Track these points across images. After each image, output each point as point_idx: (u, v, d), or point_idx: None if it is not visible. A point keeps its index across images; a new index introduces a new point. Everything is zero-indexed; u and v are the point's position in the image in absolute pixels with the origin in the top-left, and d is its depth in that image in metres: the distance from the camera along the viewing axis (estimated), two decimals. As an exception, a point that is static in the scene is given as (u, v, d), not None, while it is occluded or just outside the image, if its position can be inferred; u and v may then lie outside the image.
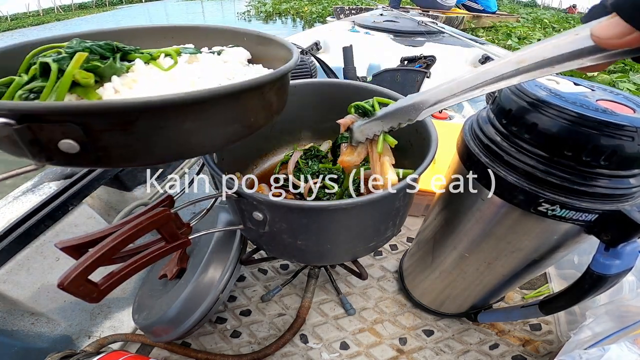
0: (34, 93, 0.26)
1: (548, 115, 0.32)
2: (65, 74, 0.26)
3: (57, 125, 0.20)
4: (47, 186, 0.65)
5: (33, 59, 0.29)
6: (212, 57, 0.36)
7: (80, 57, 0.27)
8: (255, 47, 0.41)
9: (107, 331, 0.66)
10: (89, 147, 0.22)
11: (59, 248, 0.30)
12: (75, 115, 0.20)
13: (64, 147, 0.21)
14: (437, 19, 3.64)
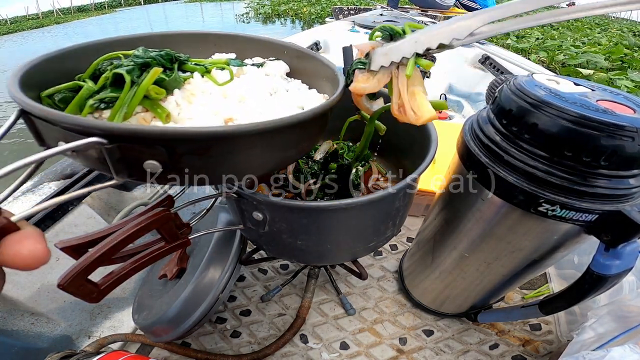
0: (104, 103, 0.27)
1: (548, 116, 0.32)
2: (140, 88, 0.26)
3: (146, 147, 0.21)
4: (47, 186, 0.65)
5: (100, 66, 0.30)
6: (255, 71, 0.37)
7: (156, 72, 0.27)
8: (295, 61, 0.40)
9: (107, 331, 0.66)
10: (169, 168, 0.23)
11: (59, 248, 0.30)
12: (168, 140, 0.21)
13: (149, 167, 0.22)
14: (436, 18, 3.64)
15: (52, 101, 0.28)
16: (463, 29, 0.27)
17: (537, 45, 4.10)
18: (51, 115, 0.20)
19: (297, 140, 0.29)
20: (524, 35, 4.57)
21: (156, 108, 0.28)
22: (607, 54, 3.41)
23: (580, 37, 4.75)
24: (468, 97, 1.57)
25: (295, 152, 0.30)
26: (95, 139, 0.20)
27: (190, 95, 0.30)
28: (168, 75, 0.29)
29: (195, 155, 0.23)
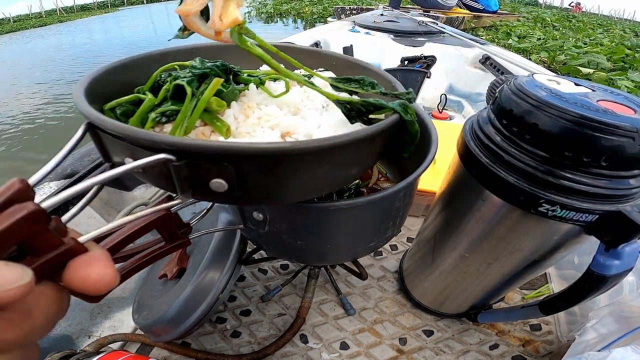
0: (165, 117, 0.26)
1: (548, 116, 0.32)
2: (202, 100, 0.25)
3: (214, 164, 0.20)
4: (47, 186, 0.65)
5: (159, 77, 0.29)
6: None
7: (218, 82, 0.26)
8: (344, 72, 0.39)
9: (107, 331, 0.66)
10: (235, 187, 0.22)
11: (59, 248, 0.30)
12: (237, 156, 0.20)
13: (214, 186, 0.21)
14: (438, 19, 3.65)
15: (114, 114, 0.27)
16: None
17: (539, 45, 4.09)
18: (121, 130, 0.20)
19: (364, 157, 0.28)
20: (525, 36, 4.57)
21: (216, 122, 0.26)
22: (609, 55, 3.40)
23: (582, 37, 4.74)
24: (468, 97, 1.57)
25: (359, 169, 0.29)
26: (164, 156, 0.19)
27: (246, 109, 0.29)
28: (225, 87, 0.28)
29: (262, 174, 0.22)
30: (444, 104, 1.38)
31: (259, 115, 0.29)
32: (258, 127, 0.28)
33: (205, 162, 0.20)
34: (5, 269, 0.14)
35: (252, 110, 0.29)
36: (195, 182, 0.21)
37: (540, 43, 4.18)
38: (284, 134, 0.28)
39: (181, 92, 0.26)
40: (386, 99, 0.32)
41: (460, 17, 4.17)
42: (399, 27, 1.97)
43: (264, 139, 0.27)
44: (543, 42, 4.25)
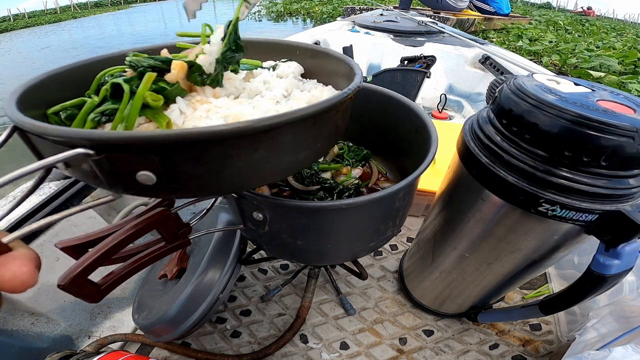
0: (105, 116, 0.26)
1: (548, 116, 0.32)
2: (136, 96, 0.25)
3: (136, 156, 0.20)
4: (47, 186, 0.65)
5: (103, 79, 0.28)
6: (267, 74, 0.35)
7: (150, 77, 0.26)
8: (308, 61, 0.39)
9: (107, 331, 0.66)
10: (164, 179, 0.21)
11: (59, 248, 0.30)
12: (156, 145, 0.20)
13: (142, 178, 0.20)
14: (448, 21, 3.64)
15: (59, 118, 0.27)
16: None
17: (550, 48, 4.07)
18: (35, 128, 0.19)
19: (309, 141, 0.27)
20: (537, 39, 4.54)
21: (158, 117, 0.26)
22: (621, 58, 3.38)
23: (594, 41, 4.71)
24: (468, 97, 1.57)
25: (309, 154, 0.27)
26: (81, 150, 0.18)
27: (196, 103, 0.28)
28: (169, 85, 0.28)
29: (190, 163, 0.21)
30: (444, 103, 1.38)
31: (207, 108, 0.28)
32: (206, 119, 0.27)
33: (125, 154, 0.19)
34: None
35: (201, 103, 0.29)
36: (121, 176, 0.21)
37: (552, 46, 4.15)
38: None
39: (121, 90, 0.26)
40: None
41: (471, 19, 4.16)
42: (399, 27, 1.97)
43: None
44: (555, 45, 4.22)
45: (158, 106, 0.26)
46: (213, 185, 0.24)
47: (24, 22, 11.72)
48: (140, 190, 0.21)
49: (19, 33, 9.77)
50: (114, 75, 0.28)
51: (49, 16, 12.87)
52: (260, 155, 0.23)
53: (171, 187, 0.22)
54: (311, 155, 0.28)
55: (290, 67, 0.38)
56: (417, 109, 0.49)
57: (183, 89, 0.29)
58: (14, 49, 7.56)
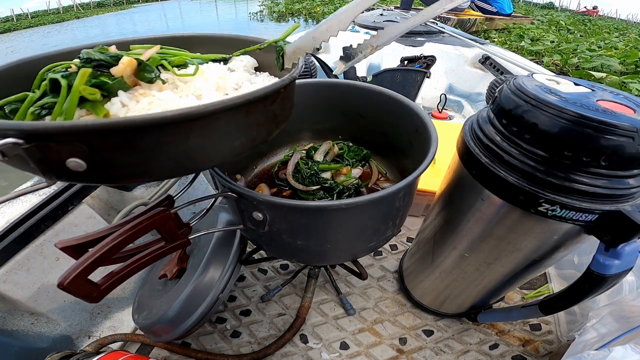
0: (45, 109, 0.27)
1: (548, 116, 0.32)
2: (72, 90, 0.26)
3: (63, 144, 0.21)
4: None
5: (45, 75, 0.29)
6: (217, 67, 0.36)
7: (85, 72, 0.27)
8: (262, 54, 0.39)
9: (107, 331, 0.66)
10: (95, 165, 0.22)
11: (59, 248, 0.30)
12: (78, 134, 0.20)
13: (72, 165, 0.21)
14: (449, 20, 3.63)
15: (3, 112, 0.28)
16: (346, 19, 0.33)
17: (552, 48, 4.07)
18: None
19: (243, 129, 0.28)
20: (539, 38, 4.54)
21: (97, 110, 0.27)
22: (622, 58, 3.37)
23: (597, 41, 4.70)
24: (468, 97, 1.57)
25: (245, 141, 0.29)
26: (10, 140, 0.19)
27: (138, 95, 0.29)
28: (110, 78, 0.29)
29: (119, 150, 0.22)
30: (444, 103, 1.38)
31: (149, 100, 0.29)
32: (148, 111, 0.28)
33: (52, 142, 0.20)
34: None
35: (144, 96, 0.29)
36: (52, 164, 0.22)
37: (554, 46, 4.15)
38: None
39: (60, 85, 0.26)
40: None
41: (473, 19, 4.16)
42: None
43: None
44: (556, 45, 4.22)
45: (96, 99, 0.27)
46: (147, 171, 0.25)
47: (27, 22, 11.79)
48: (73, 176, 0.22)
49: (21, 33, 9.81)
50: (56, 71, 0.29)
51: (52, 16, 12.94)
52: (193, 142, 0.24)
53: (103, 173, 0.23)
54: (247, 143, 0.29)
55: (242, 60, 0.38)
56: (417, 109, 0.49)
57: (126, 83, 0.29)
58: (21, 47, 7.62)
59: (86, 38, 8.37)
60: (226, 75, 0.35)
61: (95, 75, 0.28)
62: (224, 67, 0.37)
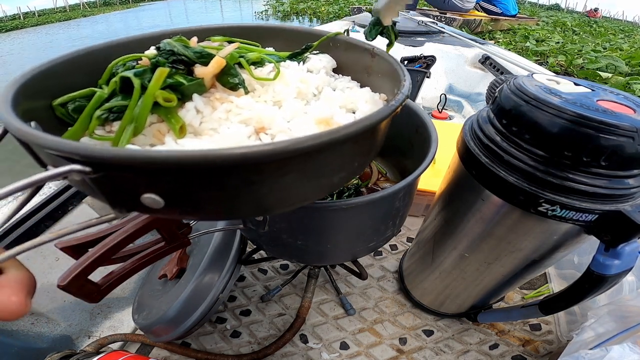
0: (113, 113, 0.23)
1: (548, 116, 0.32)
2: (146, 95, 0.22)
3: (138, 177, 0.17)
4: (47, 186, 0.65)
5: (115, 68, 0.26)
6: (296, 67, 0.32)
7: (162, 73, 0.23)
8: (343, 54, 0.34)
9: (107, 331, 0.66)
10: (175, 203, 0.18)
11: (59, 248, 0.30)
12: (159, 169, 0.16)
13: (148, 202, 0.18)
14: (454, 21, 3.63)
15: (66, 111, 0.24)
16: None
17: (557, 49, 4.07)
18: (20, 134, 0.17)
19: (347, 161, 0.22)
20: (544, 39, 4.53)
21: (170, 118, 0.23)
22: (627, 59, 3.37)
23: (602, 42, 4.70)
24: (468, 97, 1.57)
25: (345, 175, 0.24)
26: (75, 167, 0.15)
27: (215, 100, 0.25)
28: (187, 79, 0.24)
29: (203, 188, 0.18)
30: (444, 103, 1.37)
31: (227, 108, 0.25)
32: (226, 121, 0.24)
33: (126, 174, 0.16)
34: None
35: (220, 102, 0.25)
36: (123, 198, 0.18)
37: (559, 47, 4.15)
38: (259, 129, 0.24)
39: (131, 84, 0.23)
40: None
41: (478, 20, 4.16)
42: (399, 26, 1.97)
43: (230, 137, 0.23)
44: (561, 45, 4.22)
45: (171, 106, 0.23)
46: (230, 210, 0.21)
47: (35, 20, 11.86)
48: (146, 211, 0.19)
49: (28, 31, 9.85)
50: (126, 65, 0.25)
51: (59, 14, 13.04)
52: (289, 180, 0.20)
53: (182, 211, 0.19)
54: (346, 177, 0.24)
55: (322, 60, 0.33)
56: (417, 108, 0.49)
57: (204, 85, 0.25)
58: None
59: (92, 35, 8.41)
60: (307, 78, 0.30)
61: (169, 73, 0.24)
62: (303, 67, 0.32)
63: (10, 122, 0.17)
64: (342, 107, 0.28)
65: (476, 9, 4.45)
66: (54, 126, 0.24)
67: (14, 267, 0.17)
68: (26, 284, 0.16)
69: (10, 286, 0.16)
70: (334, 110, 0.27)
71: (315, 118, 0.25)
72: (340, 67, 0.35)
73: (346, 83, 0.33)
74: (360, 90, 0.31)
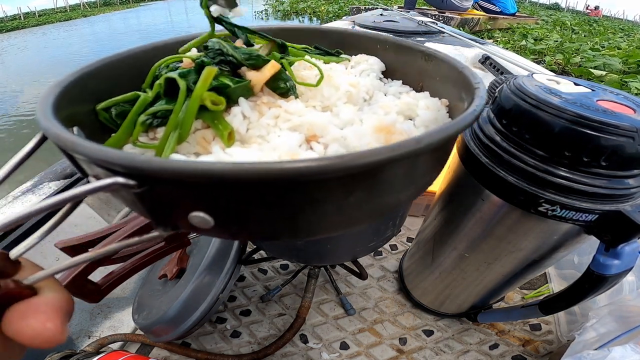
0: (157, 118, 0.22)
1: (548, 116, 0.32)
2: (193, 97, 0.21)
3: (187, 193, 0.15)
4: (47, 186, 0.65)
5: (158, 71, 0.24)
6: (345, 71, 0.30)
7: (210, 73, 0.21)
8: (392, 56, 0.32)
9: (107, 331, 0.66)
10: (226, 223, 0.16)
11: (59, 248, 0.30)
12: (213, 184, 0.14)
13: (196, 221, 0.16)
14: (453, 20, 3.63)
15: (109, 115, 0.23)
16: None
17: (555, 47, 4.07)
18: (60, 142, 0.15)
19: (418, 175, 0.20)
20: (542, 38, 4.53)
21: (217, 124, 0.21)
22: (625, 58, 3.37)
23: (600, 41, 4.70)
24: (468, 97, 1.57)
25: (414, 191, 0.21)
26: (119, 180, 0.14)
27: (262, 105, 0.23)
28: (233, 81, 0.23)
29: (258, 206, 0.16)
30: (444, 103, 1.37)
31: (276, 114, 0.23)
32: (274, 128, 0.23)
33: (175, 189, 0.15)
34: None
35: (268, 107, 0.23)
36: (170, 216, 0.16)
37: (557, 45, 4.15)
38: (310, 138, 0.22)
39: (176, 87, 0.22)
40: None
41: (476, 19, 4.15)
42: (399, 27, 1.97)
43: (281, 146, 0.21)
44: (559, 44, 4.22)
45: (219, 110, 0.22)
46: (285, 231, 0.19)
47: (35, 20, 11.91)
48: (193, 230, 0.17)
49: (31, 30, 9.89)
50: (169, 66, 0.24)
51: (59, 14, 13.10)
52: (356, 198, 0.17)
53: (232, 233, 0.18)
54: (415, 193, 0.22)
55: (370, 62, 0.32)
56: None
57: (251, 89, 0.24)
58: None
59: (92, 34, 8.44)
60: (357, 82, 0.28)
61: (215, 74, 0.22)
62: (352, 71, 0.31)
63: (50, 128, 0.16)
64: (399, 113, 0.26)
65: (474, 8, 4.45)
66: (98, 132, 0.23)
67: (49, 287, 0.15)
68: (63, 308, 0.14)
69: (46, 311, 0.14)
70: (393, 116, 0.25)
71: (373, 126, 0.23)
72: (391, 70, 0.33)
73: (398, 87, 0.31)
74: (417, 95, 0.29)
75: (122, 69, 0.26)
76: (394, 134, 0.23)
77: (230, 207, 0.16)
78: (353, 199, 0.17)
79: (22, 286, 0.14)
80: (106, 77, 0.24)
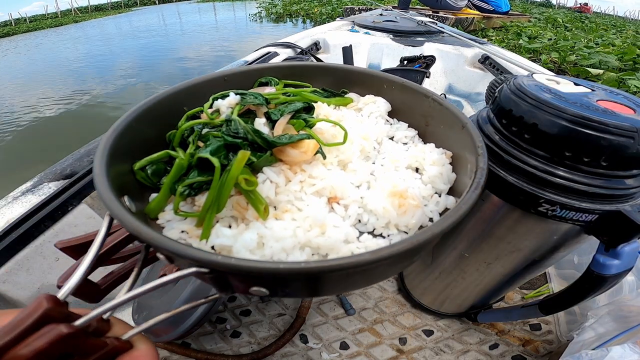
0: (193, 189, 0.25)
1: (548, 116, 0.32)
2: (228, 179, 0.24)
3: (249, 279, 0.21)
4: (47, 186, 0.65)
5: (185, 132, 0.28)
6: (355, 119, 0.31)
7: (243, 157, 0.24)
8: (397, 96, 0.33)
9: (107, 331, 0.66)
10: (276, 292, 0.22)
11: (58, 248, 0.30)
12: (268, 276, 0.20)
13: (254, 292, 0.21)
14: (447, 20, 3.64)
15: (145, 174, 0.26)
16: None
17: (550, 46, 4.07)
18: (148, 239, 0.20)
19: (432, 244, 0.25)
20: (536, 36, 4.53)
21: (253, 199, 0.25)
22: (620, 55, 3.37)
23: (594, 38, 4.71)
24: (468, 97, 1.57)
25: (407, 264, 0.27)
26: (195, 270, 0.19)
27: (287, 171, 0.26)
28: (256, 156, 0.26)
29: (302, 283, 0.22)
30: (444, 103, 1.37)
31: (301, 179, 0.26)
32: (301, 193, 0.26)
33: (239, 277, 0.21)
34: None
35: (293, 172, 0.26)
36: (234, 289, 0.22)
37: (551, 43, 4.14)
38: (332, 199, 0.26)
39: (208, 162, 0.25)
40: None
41: (470, 18, 4.16)
42: (398, 27, 1.97)
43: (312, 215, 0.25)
44: (554, 42, 4.21)
45: (251, 190, 0.25)
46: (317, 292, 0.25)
47: (26, 26, 11.90)
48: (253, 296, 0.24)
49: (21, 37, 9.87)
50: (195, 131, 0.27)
51: (50, 20, 13.08)
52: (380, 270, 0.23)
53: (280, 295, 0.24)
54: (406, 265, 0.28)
55: (377, 104, 0.32)
56: None
57: (272, 159, 0.27)
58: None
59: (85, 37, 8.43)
60: (368, 133, 0.30)
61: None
62: (361, 118, 0.32)
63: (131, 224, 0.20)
64: (407, 167, 0.29)
65: (468, 7, 4.46)
66: (137, 192, 0.26)
67: (142, 341, 0.18)
68: (156, 357, 0.17)
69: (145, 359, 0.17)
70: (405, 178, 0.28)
71: (387, 190, 0.26)
72: (396, 110, 0.34)
73: (404, 131, 0.32)
74: (424, 147, 0.31)
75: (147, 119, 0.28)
76: (407, 199, 0.26)
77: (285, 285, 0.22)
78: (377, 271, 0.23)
79: (122, 342, 0.17)
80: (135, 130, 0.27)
